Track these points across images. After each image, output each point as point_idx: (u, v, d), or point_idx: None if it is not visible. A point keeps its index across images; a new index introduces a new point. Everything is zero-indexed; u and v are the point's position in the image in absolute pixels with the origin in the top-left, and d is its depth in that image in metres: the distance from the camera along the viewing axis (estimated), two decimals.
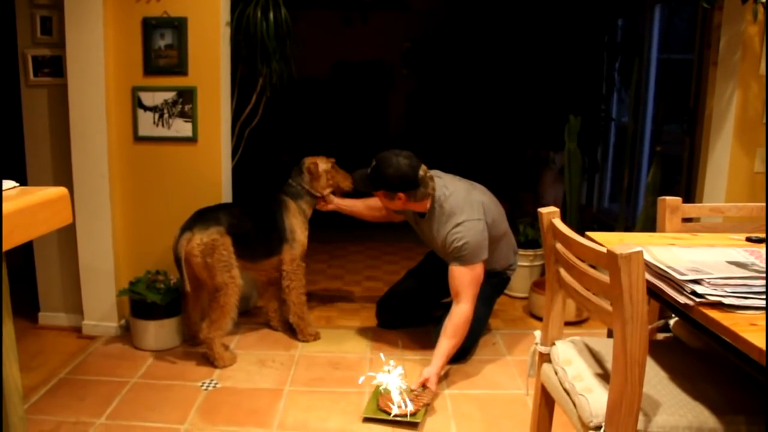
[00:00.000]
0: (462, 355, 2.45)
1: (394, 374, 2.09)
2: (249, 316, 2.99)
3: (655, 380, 1.35)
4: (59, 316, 2.79)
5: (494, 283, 2.62)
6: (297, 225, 2.63)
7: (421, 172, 2.30)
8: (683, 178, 3.00)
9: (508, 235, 2.62)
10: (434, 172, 2.44)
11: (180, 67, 2.58)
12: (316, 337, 2.71)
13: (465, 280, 2.28)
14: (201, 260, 2.35)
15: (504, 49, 5.04)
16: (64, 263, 2.73)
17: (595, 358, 1.46)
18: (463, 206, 2.32)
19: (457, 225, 2.29)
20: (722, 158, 2.72)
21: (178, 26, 2.55)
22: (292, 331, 2.74)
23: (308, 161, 2.69)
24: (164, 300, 2.51)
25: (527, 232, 3.33)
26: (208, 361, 2.44)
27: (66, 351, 2.55)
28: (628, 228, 3.43)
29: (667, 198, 1.77)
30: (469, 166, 5.39)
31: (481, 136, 5.46)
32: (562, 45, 4.61)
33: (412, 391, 2.11)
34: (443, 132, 5.82)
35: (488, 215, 2.38)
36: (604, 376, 1.36)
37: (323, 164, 2.69)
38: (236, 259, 2.43)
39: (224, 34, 2.65)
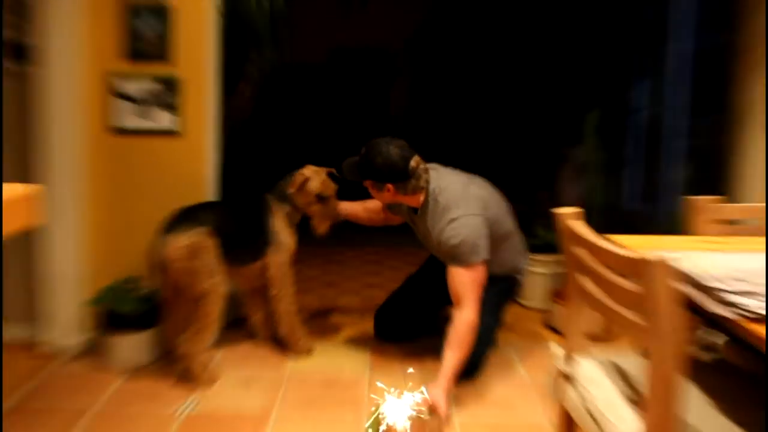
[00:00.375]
0: (470, 372, 2.42)
1: (401, 402, 2.03)
2: (232, 330, 2.95)
3: (698, 407, 1.30)
4: (10, 329, 2.72)
5: (502, 289, 2.59)
6: (281, 227, 2.59)
7: (412, 163, 2.29)
8: (721, 175, 2.94)
9: (514, 235, 2.59)
10: (430, 165, 2.43)
11: (163, 53, 2.56)
12: (309, 351, 2.68)
13: (465, 281, 2.26)
14: (184, 265, 2.32)
15: (517, 34, 5.00)
16: (22, 267, 2.68)
17: (626, 379, 1.43)
18: (459, 201, 2.31)
19: (452, 221, 2.27)
20: (765, 152, 2.66)
21: (160, 7, 2.54)
22: (281, 345, 2.71)
23: (301, 172, 2.60)
24: (138, 310, 2.47)
25: (545, 235, 3.30)
26: (186, 380, 2.39)
27: (18, 372, 2.48)
28: (661, 231, 3.37)
29: (701, 198, 1.76)
30: (480, 162, 5.37)
31: (493, 129, 5.43)
32: (583, 26, 4.56)
33: (418, 416, 2.04)
34: (451, 125, 5.78)
35: (488, 211, 2.36)
36: (637, 401, 1.32)
37: (315, 182, 2.58)
38: (221, 263, 2.41)
39: (212, 17, 2.63)
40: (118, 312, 2.45)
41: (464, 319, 2.25)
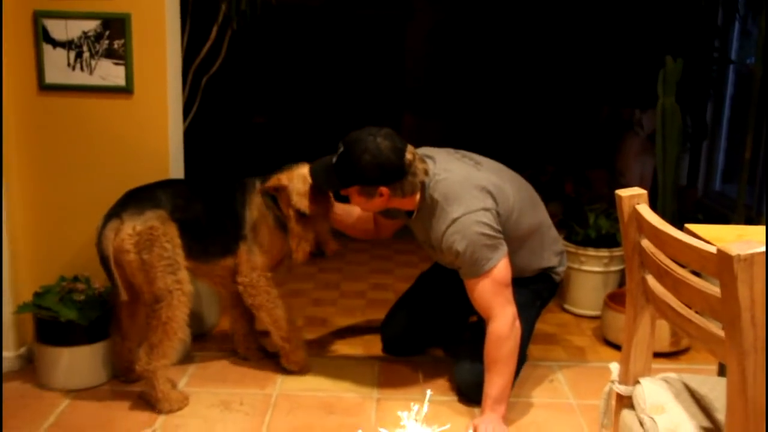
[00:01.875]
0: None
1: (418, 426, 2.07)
2: (208, 340, 3.00)
3: None
4: None
5: (532, 291, 2.60)
6: (260, 224, 2.57)
7: (408, 156, 2.30)
8: None
9: (544, 228, 2.61)
10: (422, 151, 2.44)
11: None
12: (303, 367, 2.71)
13: (485, 290, 2.31)
14: (135, 257, 2.36)
15: None
16: None
17: (700, 404, 1.45)
18: (458, 196, 2.33)
19: (453, 223, 2.30)
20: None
21: None
22: (270, 358, 2.77)
23: (278, 176, 2.51)
24: (85, 318, 2.50)
25: (600, 224, 3.32)
26: (149, 403, 2.44)
27: None
28: (751, 219, 3.39)
29: None
30: (518, 131, 5.36)
31: (533, 88, 5.41)
32: None
33: None
34: (479, 83, 5.77)
35: (502, 203, 2.38)
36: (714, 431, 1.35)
37: (295, 192, 2.46)
38: (185, 256, 2.44)
39: None
40: (59, 320, 2.48)
41: (493, 332, 2.31)
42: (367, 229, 2.84)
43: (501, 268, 2.31)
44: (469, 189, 2.34)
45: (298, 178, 2.47)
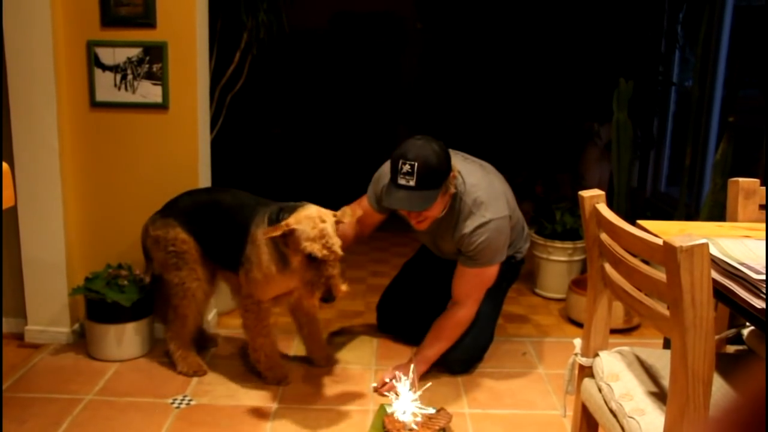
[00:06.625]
0: (468, 365, 2.48)
1: (408, 396, 2.07)
2: (232, 319, 2.99)
3: (724, 402, 1.32)
4: None
5: (500, 272, 2.55)
6: (260, 259, 2.17)
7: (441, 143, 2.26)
8: (762, 156, 2.94)
9: (519, 223, 2.60)
10: None
11: (146, 18, 2.55)
12: (281, 380, 2.41)
13: (474, 281, 2.32)
14: (155, 254, 2.45)
15: None
16: (3, 255, 2.73)
17: (649, 373, 1.45)
18: (488, 201, 2.29)
19: (483, 225, 2.27)
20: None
21: None
22: (286, 333, 2.74)
23: (287, 222, 1.99)
24: (129, 299, 2.50)
25: (565, 220, 3.32)
26: (183, 373, 2.46)
27: (4, 362, 2.54)
28: (691, 216, 3.39)
29: (741, 180, 1.75)
30: (496, 141, 5.37)
31: (511, 104, 5.41)
32: None
33: (428, 416, 2.09)
34: (464, 99, 5.76)
35: (510, 208, 2.39)
36: (660, 396, 1.35)
37: (305, 237, 1.95)
38: (211, 260, 2.43)
39: None
40: (106, 301, 2.49)
41: (457, 316, 2.34)
42: (356, 233, 2.56)
43: (494, 270, 2.33)
44: (495, 196, 2.32)
45: (307, 221, 1.97)
